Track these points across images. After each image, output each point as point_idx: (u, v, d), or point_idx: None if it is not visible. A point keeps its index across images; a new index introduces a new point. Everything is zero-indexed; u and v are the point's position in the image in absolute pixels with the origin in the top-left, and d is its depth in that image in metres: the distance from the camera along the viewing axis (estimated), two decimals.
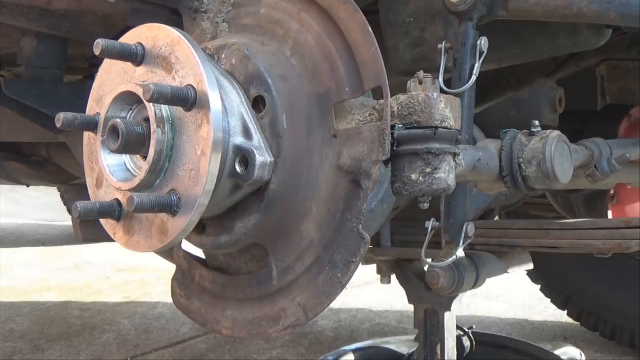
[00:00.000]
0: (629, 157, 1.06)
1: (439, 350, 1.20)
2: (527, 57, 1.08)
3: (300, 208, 0.67)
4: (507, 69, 1.19)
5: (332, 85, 0.66)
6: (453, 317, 1.21)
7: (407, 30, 0.92)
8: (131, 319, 2.51)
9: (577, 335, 2.29)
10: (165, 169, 0.65)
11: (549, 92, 1.31)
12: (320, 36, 0.67)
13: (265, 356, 2.10)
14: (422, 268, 1.16)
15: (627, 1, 0.80)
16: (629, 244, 1.02)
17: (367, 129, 0.62)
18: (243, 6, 0.76)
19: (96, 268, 3.48)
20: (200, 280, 0.81)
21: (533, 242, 1.10)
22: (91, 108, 0.73)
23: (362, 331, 2.39)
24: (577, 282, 2.16)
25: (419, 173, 0.63)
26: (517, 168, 0.79)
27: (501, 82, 1.26)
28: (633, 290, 2.06)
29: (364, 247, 0.62)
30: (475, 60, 0.80)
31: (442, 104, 0.64)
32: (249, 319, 0.73)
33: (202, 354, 2.12)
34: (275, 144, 0.66)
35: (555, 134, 0.80)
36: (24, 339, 2.24)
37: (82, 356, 2.08)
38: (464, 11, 0.81)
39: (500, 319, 2.57)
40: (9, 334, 2.30)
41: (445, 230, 0.87)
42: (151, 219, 0.65)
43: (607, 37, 1.03)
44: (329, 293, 0.64)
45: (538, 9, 0.83)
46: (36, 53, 1.32)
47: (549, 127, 0.84)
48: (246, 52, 0.69)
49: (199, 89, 0.62)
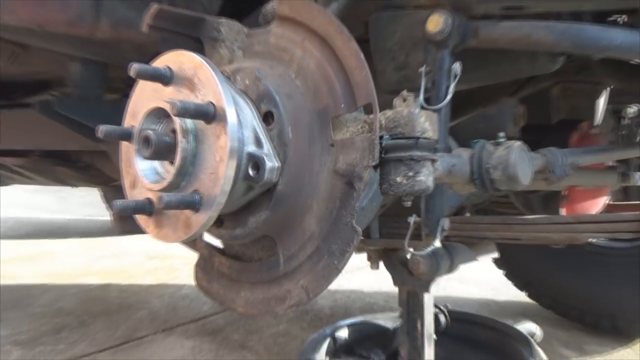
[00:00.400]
0: (579, 163, 1.06)
1: (419, 325, 1.19)
2: (493, 79, 1.07)
3: (303, 205, 0.67)
4: (477, 89, 1.18)
5: (330, 103, 0.65)
6: (431, 297, 1.21)
7: (393, 56, 0.92)
8: (161, 299, 2.51)
9: (535, 313, 2.29)
10: (189, 172, 0.64)
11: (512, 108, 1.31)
12: (320, 61, 0.67)
13: (273, 330, 2.10)
14: (405, 256, 1.15)
15: (577, 33, 0.80)
16: (579, 236, 1.02)
17: (359, 139, 0.62)
18: (255, 36, 0.76)
19: (131, 256, 3.47)
20: (219, 266, 0.81)
21: (498, 234, 1.10)
22: (127, 121, 0.72)
23: (354, 309, 2.38)
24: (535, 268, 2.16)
25: (403, 176, 0.63)
26: (486, 172, 0.79)
27: (472, 100, 1.26)
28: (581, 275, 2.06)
29: (357, 238, 0.62)
30: (450, 81, 0.80)
31: (422, 118, 0.64)
32: (259, 298, 0.72)
33: (220, 327, 2.12)
34: (282, 152, 0.66)
35: (517, 143, 0.80)
36: (71, 315, 2.23)
37: (120, 330, 2.08)
38: (441, 40, 0.81)
39: (471, 299, 2.57)
40: (58, 311, 2.30)
41: (425, 224, 0.86)
42: (177, 215, 0.65)
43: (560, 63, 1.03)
44: (327, 277, 0.64)
45: (503, 39, 0.83)
46: (81, 76, 1.32)
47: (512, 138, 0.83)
48: (257, 74, 0.69)
49: (218, 105, 0.62)
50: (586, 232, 1.01)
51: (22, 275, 2.89)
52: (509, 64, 1.00)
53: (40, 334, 2.01)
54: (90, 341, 1.95)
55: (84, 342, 1.94)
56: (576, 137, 1.46)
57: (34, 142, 1.69)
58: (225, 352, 1.89)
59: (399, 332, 1.33)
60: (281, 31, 0.72)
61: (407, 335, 1.21)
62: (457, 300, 2.52)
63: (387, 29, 0.91)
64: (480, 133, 0.91)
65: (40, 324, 2.12)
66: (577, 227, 1.02)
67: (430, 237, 0.86)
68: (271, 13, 0.74)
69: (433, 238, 0.85)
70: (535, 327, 1.79)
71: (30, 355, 1.81)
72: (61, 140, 1.56)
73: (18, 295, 2.51)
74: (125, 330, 2.07)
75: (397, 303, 1.24)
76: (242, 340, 1.99)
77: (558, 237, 1.05)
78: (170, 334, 2.05)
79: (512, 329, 1.65)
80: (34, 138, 1.65)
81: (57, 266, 3.13)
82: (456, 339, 1.64)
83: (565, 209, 1.45)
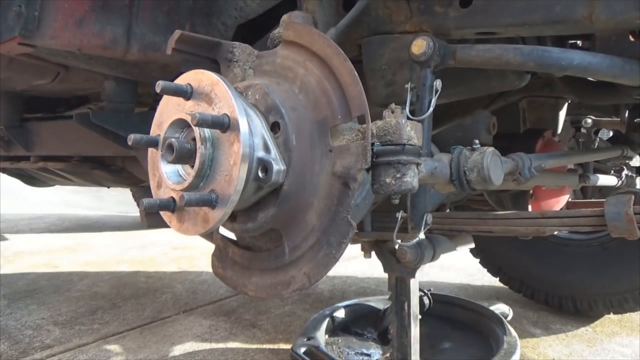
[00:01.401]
0: (544, 166, 1.06)
1: (406, 307, 1.19)
2: (469, 94, 1.08)
3: (305, 203, 0.67)
4: (455, 102, 1.19)
5: (328, 114, 0.65)
6: (416, 282, 1.21)
7: (383, 74, 0.92)
8: (183, 284, 2.50)
9: (506, 295, 2.29)
10: (207, 174, 0.64)
11: (485, 119, 1.31)
12: (320, 78, 0.67)
13: (279, 310, 2.09)
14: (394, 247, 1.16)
15: (541, 54, 0.80)
16: (544, 229, 1.02)
17: (354, 146, 0.62)
18: (263, 57, 0.76)
19: (157, 247, 3.47)
20: (232, 256, 0.81)
21: (474, 227, 1.10)
22: (153, 131, 0.72)
23: (350, 292, 2.38)
24: (506, 257, 2.16)
25: (392, 177, 0.63)
26: (463, 174, 0.79)
27: (451, 112, 1.26)
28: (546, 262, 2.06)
29: (352, 231, 0.62)
30: (432, 96, 0.80)
31: (408, 127, 0.64)
32: (268, 283, 0.72)
33: (234, 308, 2.12)
34: (287, 156, 0.66)
35: (490, 149, 0.80)
36: (105, 299, 2.23)
37: (147, 311, 2.07)
38: (424, 61, 0.81)
39: (450, 283, 2.56)
40: (94, 295, 2.30)
41: (410, 219, 0.86)
42: (197, 211, 0.65)
43: (527, 80, 1.03)
44: (326, 265, 0.64)
45: (477, 59, 0.83)
46: (114, 92, 1.32)
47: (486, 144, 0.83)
48: (266, 90, 0.69)
49: (232, 116, 0.62)
50: (550, 226, 1.02)
51: (63, 264, 2.89)
52: (482, 81, 1.00)
53: (78, 315, 2.01)
54: (121, 321, 1.95)
55: (115, 322, 1.94)
56: (541, 144, 1.46)
57: (73, 149, 1.69)
58: (238, 330, 1.89)
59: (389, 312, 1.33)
60: (286, 53, 0.72)
61: (395, 315, 1.21)
62: (439, 284, 2.51)
63: (377, 51, 0.91)
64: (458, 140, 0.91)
65: (77, 307, 2.11)
66: (543, 221, 1.03)
67: (416, 230, 0.86)
68: (278, 37, 0.74)
69: (418, 231, 0.85)
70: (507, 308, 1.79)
71: (69, 334, 1.81)
72: (97, 147, 1.56)
73: (59, 281, 2.51)
74: (152, 311, 2.07)
75: (387, 287, 1.24)
76: (253, 320, 1.99)
77: (526, 230, 1.05)
78: (190, 314, 2.05)
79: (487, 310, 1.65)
80: (74, 145, 1.65)
81: (93, 256, 3.13)
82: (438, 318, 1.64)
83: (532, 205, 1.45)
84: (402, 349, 1.18)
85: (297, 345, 1.41)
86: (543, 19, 0.77)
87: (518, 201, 1.43)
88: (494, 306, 1.73)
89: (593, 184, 1.60)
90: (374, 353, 1.50)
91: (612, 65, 0.80)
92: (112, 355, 1.65)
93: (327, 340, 1.52)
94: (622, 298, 1.89)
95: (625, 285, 1.88)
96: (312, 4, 0.88)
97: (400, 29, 0.89)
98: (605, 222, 0.94)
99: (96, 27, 0.99)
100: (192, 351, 1.69)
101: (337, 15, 0.91)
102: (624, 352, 1.75)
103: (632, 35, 0.85)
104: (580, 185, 1.53)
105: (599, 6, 0.73)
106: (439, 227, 1.10)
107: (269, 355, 1.67)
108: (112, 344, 1.74)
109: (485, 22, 0.81)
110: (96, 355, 1.64)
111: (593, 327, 1.98)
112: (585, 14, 0.73)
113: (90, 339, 1.77)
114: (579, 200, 1.99)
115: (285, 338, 1.80)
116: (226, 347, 1.74)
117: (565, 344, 1.82)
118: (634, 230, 0.92)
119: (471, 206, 1.74)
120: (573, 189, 1.89)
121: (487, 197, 1.50)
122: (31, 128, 1.73)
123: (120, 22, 1.02)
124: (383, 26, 0.90)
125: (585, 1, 0.73)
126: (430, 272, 2.68)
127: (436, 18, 0.84)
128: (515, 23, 0.79)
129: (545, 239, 2.02)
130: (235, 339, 1.80)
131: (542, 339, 1.86)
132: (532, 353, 1.74)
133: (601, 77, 0.84)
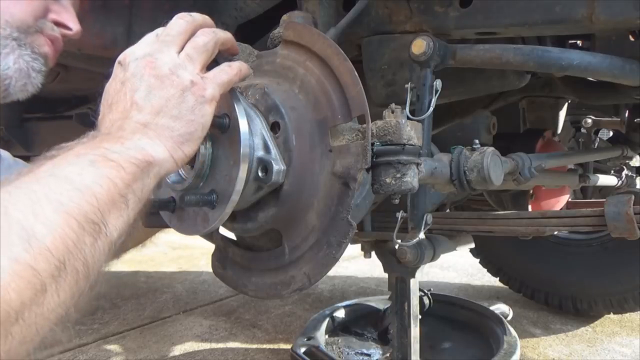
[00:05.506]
0: (544, 166, 1.06)
1: (406, 306, 1.19)
2: (469, 94, 1.08)
3: (305, 203, 0.67)
4: (455, 102, 1.19)
5: (329, 114, 0.65)
6: (416, 282, 1.21)
7: (383, 74, 0.92)
8: (183, 284, 2.50)
9: (506, 295, 2.29)
10: (207, 175, 0.64)
11: (485, 119, 1.31)
12: (320, 78, 0.67)
13: (279, 310, 2.10)
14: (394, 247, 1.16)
15: (540, 54, 0.80)
16: (544, 229, 1.02)
17: (354, 146, 0.62)
18: (263, 57, 0.76)
19: (157, 246, 3.47)
20: (232, 256, 0.80)
21: (474, 227, 1.10)
22: None
23: (350, 292, 2.38)
24: (506, 256, 2.16)
25: (392, 177, 0.63)
26: (463, 174, 0.78)
27: (451, 112, 1.26)
28: (546, 262, 2.06)
29: (352, 231, 0.62)
30: (432, 96, 0.80)
31: (408, 127, 0.64)
32: (268, 283, 0.72)
33: (234, 308, 2.12)
34: (287, 156, 0.66)
35: (490, 149, 0.80)
36: (105, 298, 2.23)
37: (147, 311, 2.08)
38: (424, 61, 0.81)
39: (450, 283, 2.56)
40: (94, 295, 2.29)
41: (411, 219, 0.86)
42: (197, 211, 0.65)
43: (527, 80, 1.03)
44: (326, 265, 0.64)
45: (477, 59, 0.83)
46: None
47: (486, 144, 0.83)
48: (266, 90, 0.69)
49: (232, 117, 0.62)
50: (550, 226, 1.02)
51: None
52: (482, 81, 1.00)
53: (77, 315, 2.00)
54: (121, 321, 1.95)
55: (116, 322, 1.94)
56: (541, 144, 1.46)
57: None
58: (238, 330, 1.88)
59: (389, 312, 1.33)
60: (286, 53, 0.72)
61: (395, 315, 1.21)
62: (439, 284, 2.51)
63: (377, 51, 0.91)
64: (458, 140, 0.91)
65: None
66: (542, 221, 1.03)
67: (416, 230, 0.86)
68: (278, 37, 0.74)
69: (418, 231, 0.85)
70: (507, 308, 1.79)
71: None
72: None
73: None
74: (152, 311, 2.07)
75: (387, 287, 1.24)
76: (253, 320, 1.99)
77: (526, 230, 1.05)
78: (190, 314, 2.05)
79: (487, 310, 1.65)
80: None
81: None
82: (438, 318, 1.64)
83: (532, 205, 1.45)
84: (402, 349, 1.18)
85: (297, 345, 1.41)
86: (543, 19, 0.77)
87: (518, 201, 1.43)
88: (494, 306, 1.73)
89: (593, 184, 1.60)
90: (374, 353, 1.50)
91: (612, 65, 0.80)
92: (112, 355, 1.65)
93: (327, 340, 1.52)
94: (622, 298, 1.89)
95: (625, 285, 1.88)
96: (312, 4, 0.88)
97: (400, 29, 0.89)
98: (605, 222, 0.94)
99: (96, 27, 0.99)
100: (192, 351, 1.69)
101: (337, 15, 0.91)
102: (624, 352, 1.75)
103: (632, 35, 0.85)
104: (580, 185, 1.54)
105: (599, 6, 0.73)
106: (439, 227, 1.10)
107: (269, 355, 1.67)
108: (112, 344, 1.74)
109: (485, 22, 0.81)
110: (96, 355, 1.64)
111: (593, 327, 1.98)
112: (585, 14, 0.73)
113: (90, 339, 1.77)
114: (579, 200, 1.99)
115: (285, 338, 1.80)
116: (226, 347, 1.74)
117: (565, 344, 1.82)
118: (634, 230, 0.92)
119: (471, 206, 1.74)
120: (573, 189, 1.89)
121: (487, 197, 1.50)
122: (31, 128, 1.73)
123: (120, 22, 1.02)
124: (383, 26, 0.90)
125: (585, 1, 0.73)
126: (430, 272, 2.68)
127: (436, 18, 0.84)
128: (515, 23, 0.79)
129: (546, 239, 2.03)
130: (235, 339, 1.80)
131: (542, 339, 1.86)
132: (532, 353, 1.74)
133: (601, 77, 0.84)
